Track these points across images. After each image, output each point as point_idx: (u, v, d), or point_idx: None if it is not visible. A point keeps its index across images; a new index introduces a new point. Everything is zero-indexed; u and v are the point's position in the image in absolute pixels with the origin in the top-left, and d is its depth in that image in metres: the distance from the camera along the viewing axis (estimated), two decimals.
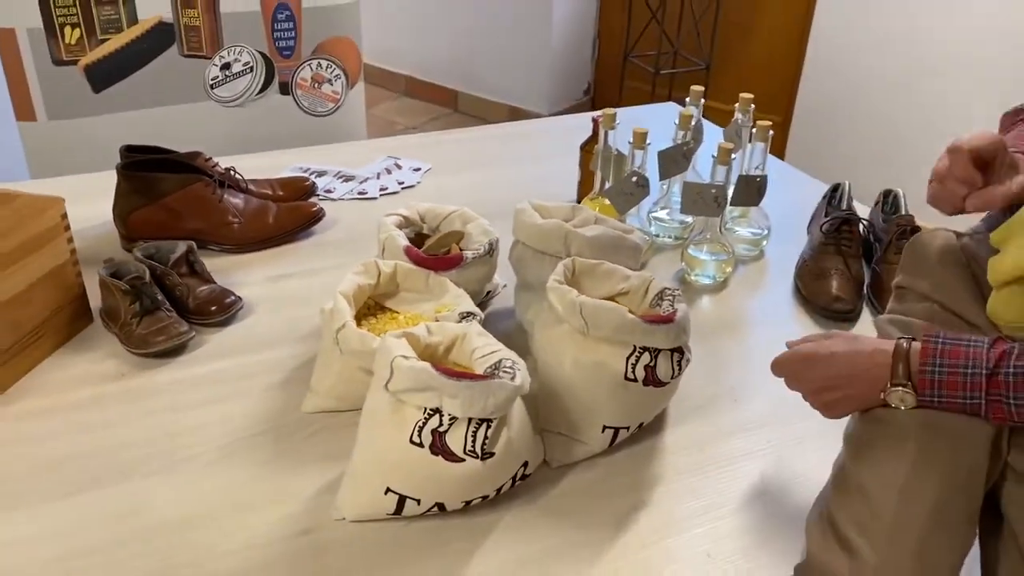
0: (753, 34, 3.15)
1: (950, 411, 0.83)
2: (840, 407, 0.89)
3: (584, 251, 1.05)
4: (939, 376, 0.82)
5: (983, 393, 0.80)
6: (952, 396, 0.82)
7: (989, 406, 0.80)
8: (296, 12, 2.17)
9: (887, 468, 0.83)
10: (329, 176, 1.56)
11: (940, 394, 0.82)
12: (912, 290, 0.99)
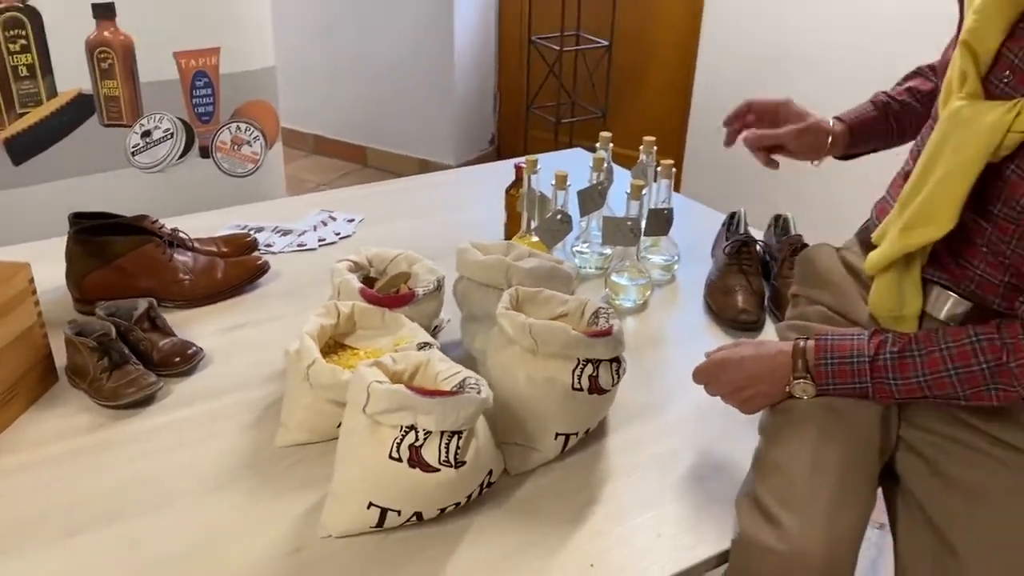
0: (643, 83, 3.40)
1: (844, 396, 0.99)
2: (755, 403, 1.04)
3: (524, 282, 1.18)
4: (831, 367, 0.98)
5: (869, 378, 0.96)
6: (844, 383, 0.98)
7: (875, 388, 0.97)
8: (214, 79, 2.25)
9: (796, 448, 0.98)
10: (267, 231, 1.64)
11: (834, 383, 0.98)
12: (805, 297, 1.17)
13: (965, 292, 0.98)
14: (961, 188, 0.90)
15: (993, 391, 0.92)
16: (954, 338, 0.93)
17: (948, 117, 0.93)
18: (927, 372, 0.94)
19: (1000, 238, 0.94)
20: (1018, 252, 0.93)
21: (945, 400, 0.95)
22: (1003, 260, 0.95)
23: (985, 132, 0.88)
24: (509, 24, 3.65)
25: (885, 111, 1.21)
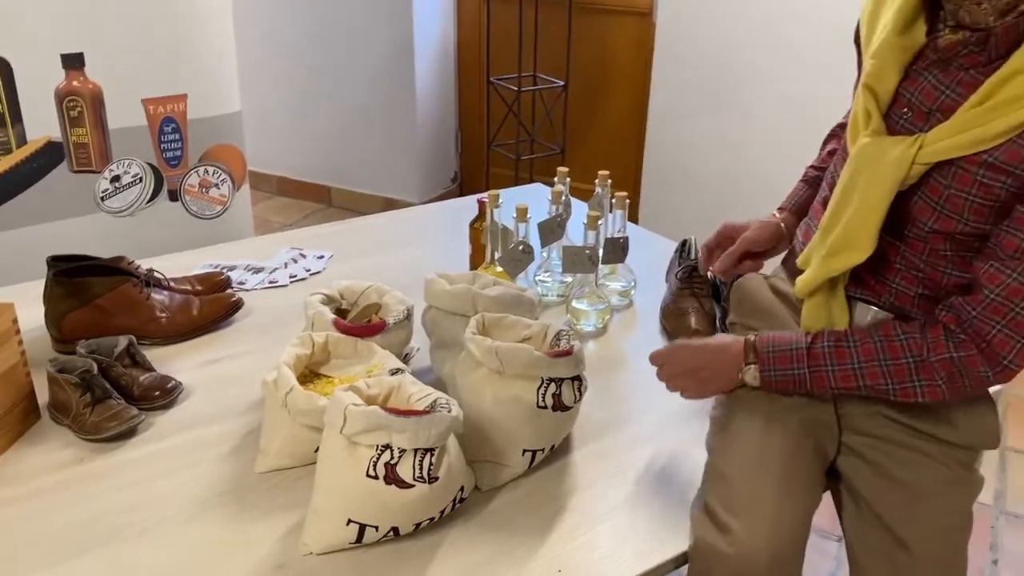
0: (599, 119, 3.52)
1: (786, 386, 1.08)
2: (709, 386, 1.13)
3: (490, 308, 1.25)
4: (774, 354, 1.07)
5: (807, 364, 1.05)
6: (784, 369, 1.07)
7: (812, 375, 1.06)
8: (182, 124, 2.31)
9: (738, 458, 1.07)
10: (240, 269, 1.70)
11: (776, 368, 1.08)
12: (741, 324, 1.28)
13: (886, 305, 1.08)
14: (876, 217, 1.01)
15: (919, 386, 1.01)
16: (884, 333, 1.03)
17: (857, 153, 1.04)
18: (861, 360, 1.03)
19: (913, 255, 1.05)
20: (930, 266, 1.04)
21: (876, 392, 1.04)
22: (916, 274, 1.05)
23: (892, 166, 0.99)
24: (468, 66, 3.76)
25: (817, 184, 1.27)
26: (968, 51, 0.97)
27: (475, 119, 3.76)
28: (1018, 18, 0.93)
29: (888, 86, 1.03)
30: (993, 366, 0.97)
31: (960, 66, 0.98)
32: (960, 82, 0.98)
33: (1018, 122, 0.92)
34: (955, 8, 0.97)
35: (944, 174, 0.99)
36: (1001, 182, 0.95)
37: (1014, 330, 0.96)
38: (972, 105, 0.95)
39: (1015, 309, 0.95)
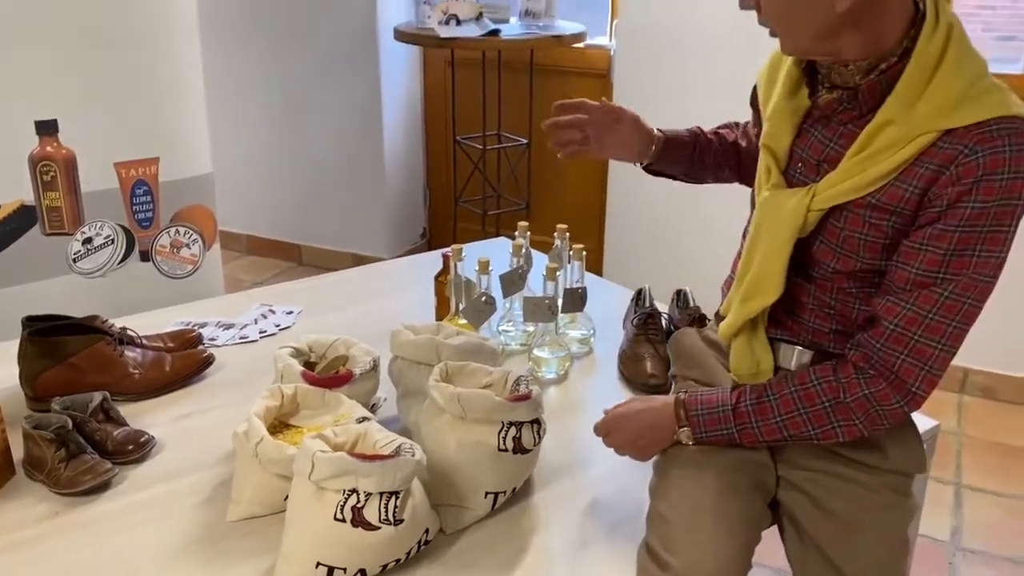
0: (562, 175, 3.64)
1: (719, 444, 1.15)
2: (649, 450, 1.20)
3: (453, 357, 1.31)
4: (703, 417, 1.15)
5: (734, 424, 1.13)
6: (714, 431, 1.15)
7: (740, 433, 1.13)
8: (154, 187, 2.37)
9: (676, 500, 1.14)
10: (211, 326, 1.74)
11: (706, 431, 1.15)
12: (681, 376, 1.36)
13: (804, 343, 1.17)
14: (780, 262, 1.11)
15: (838, 428, 1.08)
16: (799, 381, 1.11)
17: (760, 205, 1.15)
18: (782, 413, 1.10)
19: (822, 295, 1.14)
20: (839, 303, 1.13)
21: (801, 439, 1.11)
22: (828, 312, 1.14)
23: (790, 215, 1.09)
24: (435, 125, 3.87)
25: (695, 140, 1.42)
26: (843, 107, 1.09)
27: (442, 176, 3.85)
28: (879, 76, 1.04)
29: (783, 144, 1.14)
30: (903, 395, 1.05)
31: (839, 121, 1.10)
32: (841, 135, 1.10)
33: (893, 166, 1.03)
34: (828, 72, 1.10)
35: (838, 218, 1.09)
36: (887, 220, 1.06)
37: (917, 358, 1.04)
38: (852, 154, 1.06)
39: (914, 337, 1.04)
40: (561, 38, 3.06)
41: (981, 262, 1.01)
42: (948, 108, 1.00)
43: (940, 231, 1.01)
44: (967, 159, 0.99)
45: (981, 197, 0.99)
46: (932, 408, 1.12)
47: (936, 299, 1.03)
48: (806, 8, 1.02)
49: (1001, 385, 2.86)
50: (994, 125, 0.98)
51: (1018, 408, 2.84)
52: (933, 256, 1.02)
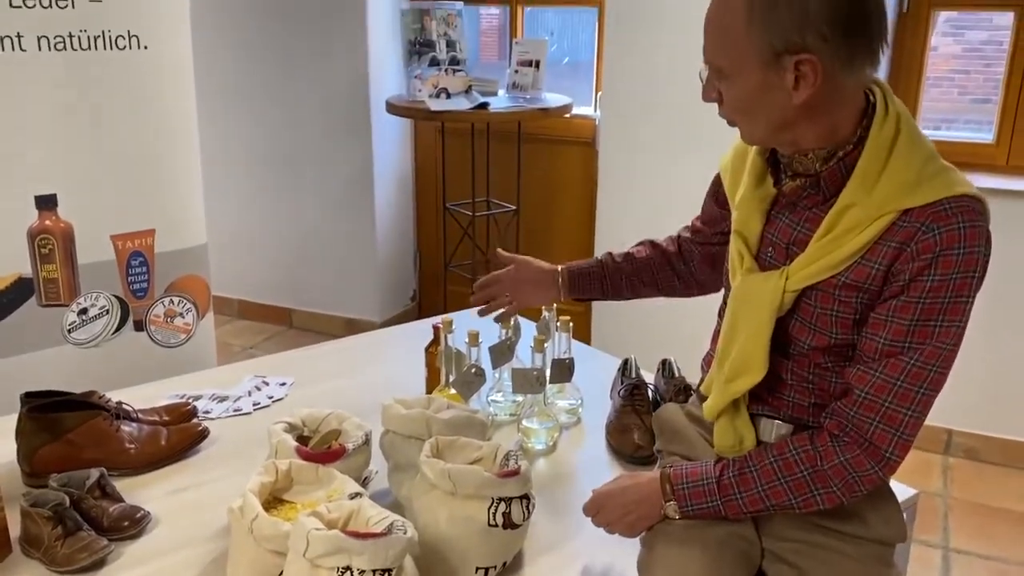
0: (550, 241, 3.71)
1: (705, 517, 1.18)
2: (638, 525, 1.23)
3: (443, 431, 1.34)
4: (688, 490, 1.19)
5: (719, 497, 1.16)
6: (699, 504, 1.18)
7: (725, 505, 1.17)
8: (149, 258, 2.41)
9: (664, 573, 1.15)
10: (205, 399, 1.77)
11: (692, 504, 1.19)
12: (666, 451, 1.39)
13: (785, 418, 1.21)
14: (763, 342, 1.17)
15: (817, 496, 1.12)
16: (778, 451, 1.15)
17: (736, 291, 1.21)
18: (764, 483, 1.14)
19: (800, 370, 1.20)
20: (817, 376, 1.19)
21: (783, 509, 1.14)
22: (807, 386, 1.19)
23: (768, 297, 1.15)
24: (425, 192, 3.95)
25: (609, 258, 1.54)
26: (807, 193, 1.16)
27: (432, 241, 3.92)
28: (837, 163, 1.12)
29: (754, 231, 1.21)
30: (877, 461, 1.10)
31: (805, 206, 1.17)
32: (807, 219, 1.16)
33: (858, 246, 1.10)
34: (789, 161, 1.18)
35: (810, 297, 1.15)
36: (855, 297, 1.12)
37: (888, 424, 1.09)
38: (819, 237, 1.13)
39: (885, 404, 1.09)
40: (548, 110, 3.16)
41: (943, 331, 1.08)
42: (904, 189, 1.08)
43: (904, 303, 1.08)
44: (925, 236, 1.06)
45: (940, 271, 1.06)
46: (918, 470, 1.17)
47: (903, 367, 1.09)
48: (765, 102, 1.10)
49: (985, 446, 2.90)
50: (947, 204, 1.06)
51: (1002, 469, 2.87)
52: (899, 327, 1.08)
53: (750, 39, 1.07)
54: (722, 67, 1.11)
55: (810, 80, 1.06)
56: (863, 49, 1.08)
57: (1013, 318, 2.76)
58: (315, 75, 3.63)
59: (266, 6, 3.61)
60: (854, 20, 1.06)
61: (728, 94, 1.13)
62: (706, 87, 1.16)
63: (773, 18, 1.05)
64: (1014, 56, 2.79)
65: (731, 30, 1.08)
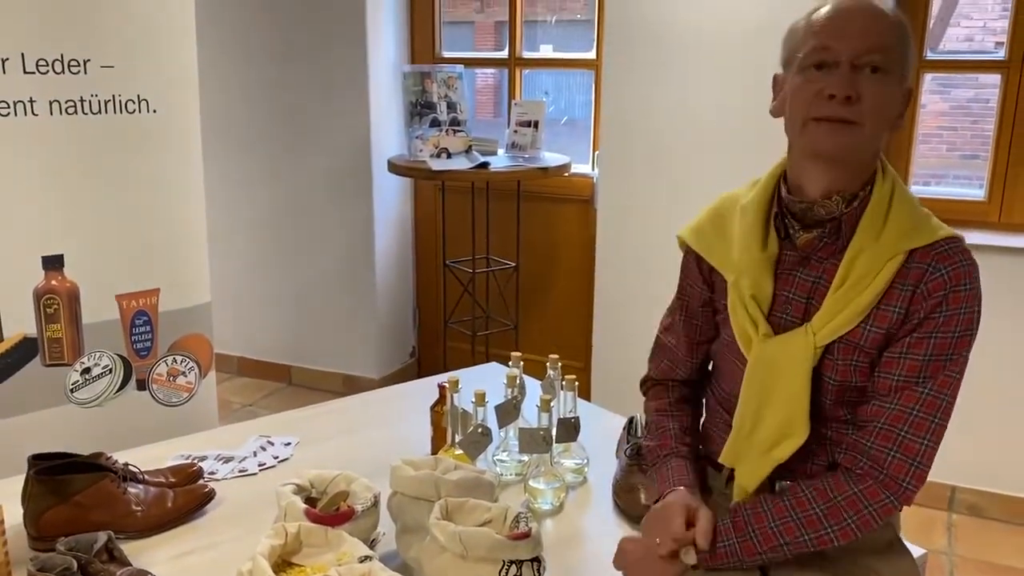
0: (549, 297, 3.74)
1: (719, 560, 1.19)
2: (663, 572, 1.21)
3: (452, 493, 1.34)
4: None
5: (734, 536, 1.18)
6: (716, 545, 1.18)
7: (741, 546, 1.19)
8: (153, 317, 2.43)
9: None
10: (210, 459, 1.77)
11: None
12: None
13: (804, 478, 1.22)
14: (803, 402, 1.19)
15: (831, 531, 1.14)
16: (792, 491, 1.18)
17: (759, 358, 1.22)
18: (776, 520, 1.16)
19: (821, 427, 1.21)
20: (835, 431, 1.22)
21: (797, 547, 1.15)
22: (826, 443, 1.22)
23: (800, 356, 1.17)
24: (425, 249, 3.99)
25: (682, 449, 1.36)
26: (823, 243, 1.20)
27: (432, 298, 3.94)
28: (858, 205, 1.18)
29: (767, 293, 1.23)
30: (893, 491, 1.12)
31: (818, 259, 1.21)
32: (823, 271, 1.20)
33: (875, 292, 1.15)
34: (806, 209, 1.20)
35: (832, 351, 1.18)
36: (879, 345, 1.17)
37: (906, 453, 1.12)
38: (835, 288, 1.17)
39: (901, 433, 1.13)
40: (547, 170, 3.21)
41: (953, 362, 1.14)
42: (907, 231, 1.15)
43: (917, 339, 1.14)
44: (933, 276, 1.13)
45: (950, 307, 1.13)
46: (922, 527, 1.19)
47: (918, 397, 1.13)
48: (892, 113, 1.18)
49: (988, 503, 2.89)
50: (943, 245, 1.14)
51: (1005, 526, 2.86)
52: (913, 362, 1.14)
53: (910, 53, 1.18)
54: (890, 68, 1.15)
55: (905, 110, 1.18)
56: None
57: (1017, 374, 2.78)
58: (318, 135, 3.69)
59: (271, 68, 3.69)
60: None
61: (876, 94, 1.14)
62: (844, 82, 1.13)
63: (911, 41, 1.18)
64: (1002, 116, 2.86)
65: (905, 40, 1.17)
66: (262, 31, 3.67)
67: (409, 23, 3.77)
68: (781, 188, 1.25)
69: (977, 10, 7.16)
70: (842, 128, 1.14)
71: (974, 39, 7.25)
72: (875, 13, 1.16)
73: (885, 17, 1.16)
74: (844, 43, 1.14)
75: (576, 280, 3.65)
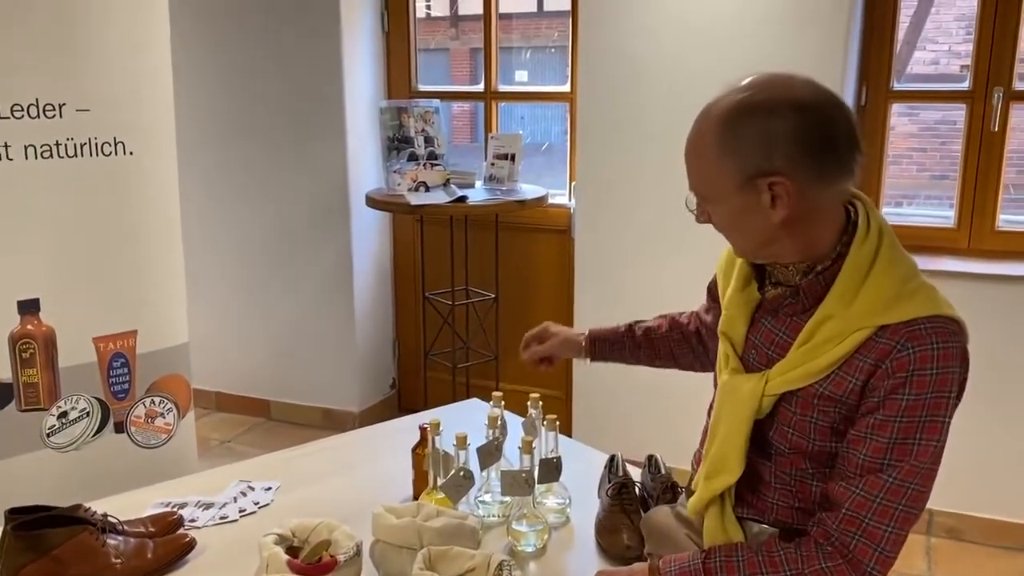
0: (530, 327, 3.73)
1: None
2: None
3: (434, 541, 1.34)
4: (674, 570, 1.20)
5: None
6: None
7: None
8: (131, 359, 2.41)
9: None
10: (191, 506, 1.75)
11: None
12: (655, 554, 1.42)
13: (770, 521, 1.24)
14: (740, 442, 1.21)
15: None
16: (766, 548, 1.18)
17: (720, 389, 1.26)
18: (747, 573, 1.16)
19: (783, 472, 1.23)
20: (798, 481, 1.22)
21: None
22: (790, 489, 1.23)
23: (746, 398, 1.20)
24: (404, 281, 3.99)
25: (630, 329, 1.67)
26: (788, 301, 1.21)
27: (412, 330, 3.94)
28: (816, 277, 1.17)
29: (740, 332, 1.26)
30: (859, 574, 1.12)
31: (786, 313, 1.22)
32: (788, 326, 1.21)
33: (835, 358, 1.13)
34: (771, 270, 1.24)
35: (790, 402, 1.19)
36: (833, 408, 1.16)
37: (869, 539, 1.12)
38: (798, 345, 1.18)
39: (866, 520, 1.12)
40: (524, 202, 3.24)
41: (921, 450, 1.11)
42: (882, 306, 1.12)
43: (882, 421, 1.11)
44: (900, 355, 1.10)
45: (915, 390, 1.09)
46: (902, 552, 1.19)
47: (883, 484, 1.11)
48: (747, 222, 1.16)
49: (967, 526, 2.92)
50: (923, 324, 1.10)
51: (983, 548, 2.89)
52: (878, 444, 1.12)
53: (723, 167, 1.14)
54: (704, 194, 1.19)
55: (785, 200, 1.12)
56: (833, 165, 1.13)
57: (990, 398, 2.82)
58: (296, 171, 3.69)
59: (247, 103, 3.70)
60: (819, 138, 1.11)
61: (714, 217, 1.20)
62: (697, 211, 1.22)
63: (741, 146, 1.11)
64: (968, 143, 2.92)
65: (706, 160, 1.15)
66: (237, 68, 3.68)
67: (385, 56, 3.79)
68: None
69: (942, 34, 7.31)
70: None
71: (940, 62, 7.40)
72: (691, 150, 1.19)
73: (698, 151, 1.17)
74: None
75: (555, 310, 3.67)
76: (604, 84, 3.13)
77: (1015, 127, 2.96)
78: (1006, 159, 2.93)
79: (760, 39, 2.89)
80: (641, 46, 3.04)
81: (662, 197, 3.08)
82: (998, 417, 2.82)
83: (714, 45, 2.94)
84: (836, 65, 2.80)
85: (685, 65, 3.00)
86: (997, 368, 2.78)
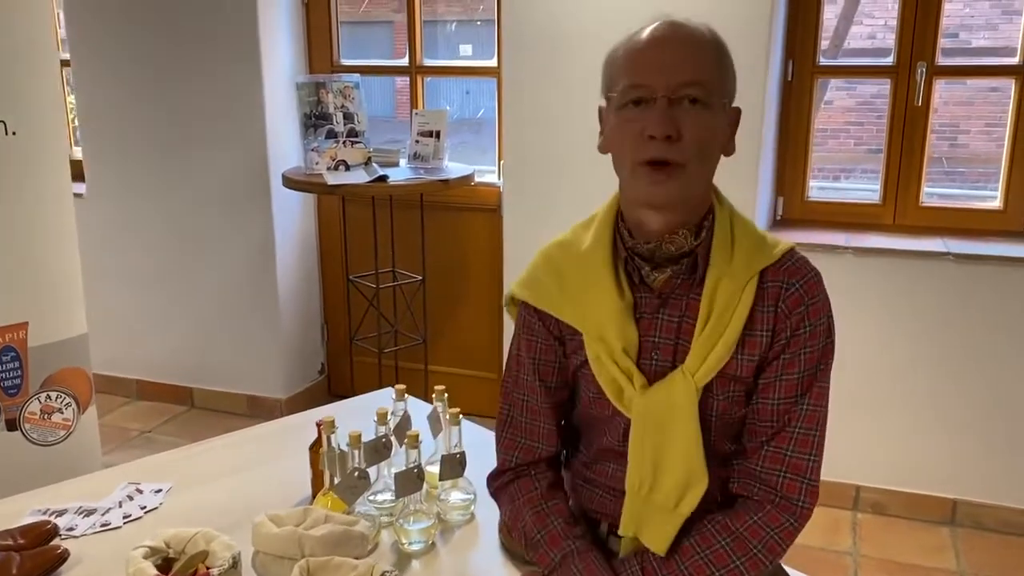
0: (458, 308, 3.66)
1: None
2: None
3: (316, 550, 1.26)
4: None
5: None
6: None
7: None
8: (22, 352, 2.27)
9: None
10: (70, 513, 1.64)
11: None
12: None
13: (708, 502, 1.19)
14: (698, 450, 1.13)
15: (740, 565, 1.10)
16: (696, 531, 1.14)
17: (643, 411, 1.15)
18: (685, 561, 1.12)
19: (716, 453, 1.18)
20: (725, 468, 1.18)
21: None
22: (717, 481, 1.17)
23: (685, 401, 1.13)
24: (330, 263, 3.87)
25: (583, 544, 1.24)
26: (681, 280, 1.15)
27: (340, 313, 3.83)
28: (706, 236, 1.14)
29: (635, 342, 1.17)
30: (791, 513, 1.11)
31: (677, 297, 1.16)
32: (686, 308, 1.15)
33: (741, 322, 1.11)
34: (654, 249, 1.14)
35: (711, 387, 1.15)
36: (753, 371, 1.15)
37: (795, 472, 1.10)
38: (702, 325, 1.13)
39: (788, 453, 1.11)
40: (448, 182, 3.14)
41: (823, 372, 1.13)
42: (754, 252, 1.13)
43: (788, 360, 1.12)
44: (789, 292, 1.11)
45: (812, 321, 1.12)
46: (827, 527, 1.19)
47: (798, 415, 1.12)
48: (717, 146, 1.12)
49: (891, 501, 2.93)
50: (789, 259, 1.13)
51: (907, 523, 2.91)
52: (789, 383, 1.12)
53: (723, 78, 1.10)
54: (707, 97, 1.07)
55: (734, 134, 1.12)
56: None
57: (912, 373, 2.83)
58: (214, 149, 3.54)
59: (160, 78, 3.52)
60: None
61: (697, 128, 1.07)
62: (663, 120, 1.06)
63: (730, 70, 1.12)
64: (892, 119, 2.90)
65: (708, 59, 1.08)
66: (148, 42, 3.49)
67: (305, 31, 3.64)
68: (621, 230, 1.19)
69: (879, 8, 7.35)
70: (667, 178, 1.09)
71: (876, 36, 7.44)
72: (690, 41, 1.09)
73: (701, 44, 1.10)
74: (660, 78, 1.06)
75: (485, 290, 3.59)
76: (529, 59, 3.03)
77: (946, 101, 2.95)
78: (932, 133, 2.92)
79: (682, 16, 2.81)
80: (564, 20, 2.95)
81: (589, 171, 3.01)
82: (919, 392, 2.82)
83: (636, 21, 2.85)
84: (760, 42, 2.74)
85: (608, 41, 2.91)
86: (918, 344, 2.79)
